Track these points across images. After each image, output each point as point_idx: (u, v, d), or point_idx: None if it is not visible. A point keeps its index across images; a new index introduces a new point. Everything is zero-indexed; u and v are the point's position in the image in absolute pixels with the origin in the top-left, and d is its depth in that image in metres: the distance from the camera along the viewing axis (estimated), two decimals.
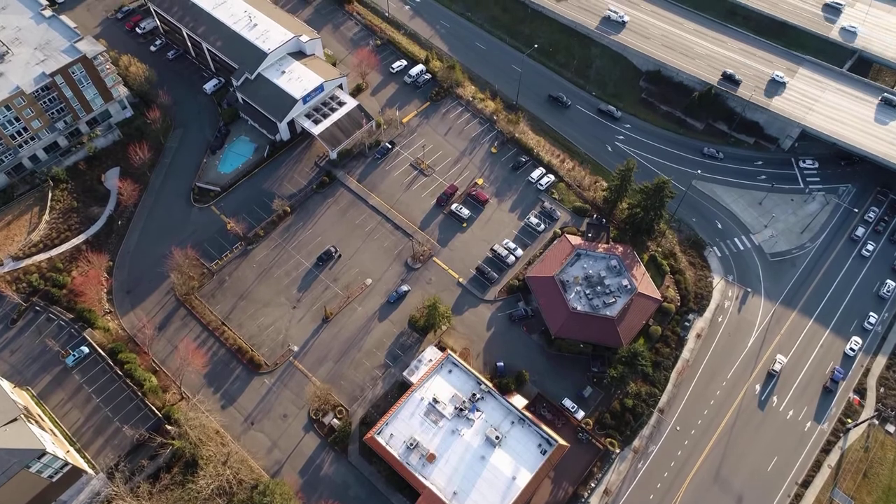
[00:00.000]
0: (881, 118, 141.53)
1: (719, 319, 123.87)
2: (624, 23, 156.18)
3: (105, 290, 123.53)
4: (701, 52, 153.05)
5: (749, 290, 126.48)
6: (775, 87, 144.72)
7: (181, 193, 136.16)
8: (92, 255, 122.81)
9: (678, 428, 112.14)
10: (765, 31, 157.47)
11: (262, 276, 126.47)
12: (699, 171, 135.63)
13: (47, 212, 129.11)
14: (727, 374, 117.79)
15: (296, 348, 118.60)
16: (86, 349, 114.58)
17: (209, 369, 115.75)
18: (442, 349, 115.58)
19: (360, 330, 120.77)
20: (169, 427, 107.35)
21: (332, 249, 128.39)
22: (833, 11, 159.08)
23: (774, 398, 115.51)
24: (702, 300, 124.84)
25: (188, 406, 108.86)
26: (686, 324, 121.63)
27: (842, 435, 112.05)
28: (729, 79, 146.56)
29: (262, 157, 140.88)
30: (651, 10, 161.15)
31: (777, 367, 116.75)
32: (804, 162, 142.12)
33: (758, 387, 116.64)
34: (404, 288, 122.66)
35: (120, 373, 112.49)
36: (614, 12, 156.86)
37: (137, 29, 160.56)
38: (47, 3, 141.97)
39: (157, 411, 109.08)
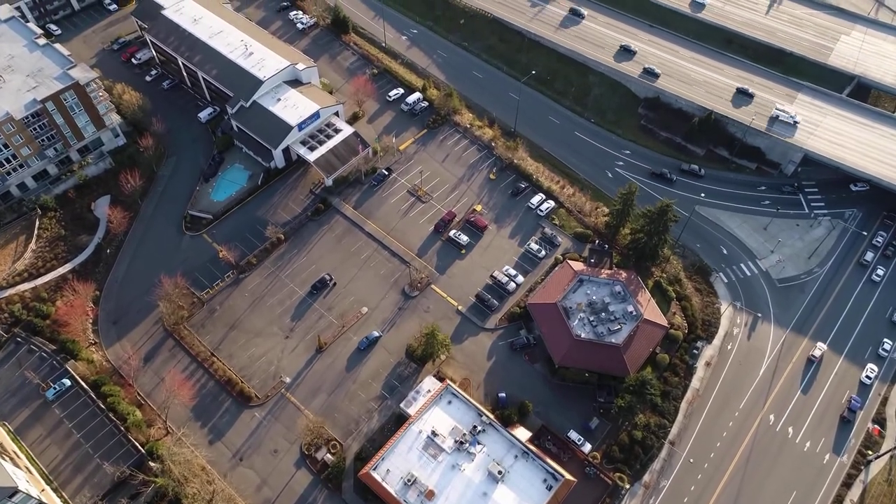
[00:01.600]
0: (884, 142, 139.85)
1: (728, 347, 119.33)
2: (633, 52, 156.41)
3: (90, 321, 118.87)
4: (699, 79, 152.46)
5: (759, 315, 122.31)
6: (782, 123, 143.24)
7: (173, 221, 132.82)
8: (78, 284, 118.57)
9: (691, 460, 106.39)
10: (762, 59, 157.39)
11: (255, 305, 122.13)
12: (702, 195, 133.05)
13: (34, 240, 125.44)
14: (739, 404, 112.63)
15: (288, 380, 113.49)
16: (67, 382, 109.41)
17: (197, 402, 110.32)
18: (441, 379, 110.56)
19: (355, 360, 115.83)
20: (152, 463, 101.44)
21: (327, 277, 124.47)
22: (831, 40, 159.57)
23: (790, 429, 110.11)
24: (710, 327, 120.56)
25: (172, 440, 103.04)
26: (694, 352, 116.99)
27: (863, 468, 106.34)
28: (744, 93, 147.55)
29: (256, 185, 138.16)
30: (649, 39, 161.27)
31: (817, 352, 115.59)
32: (787, 188, 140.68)
33: (772, 417, 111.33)
34: (375, 333, 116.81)
35: (102, 406, 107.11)
36: (626, 46, 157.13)
37: (133, 60, 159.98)
38: (41, 32, 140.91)
39: (140, 447, 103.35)
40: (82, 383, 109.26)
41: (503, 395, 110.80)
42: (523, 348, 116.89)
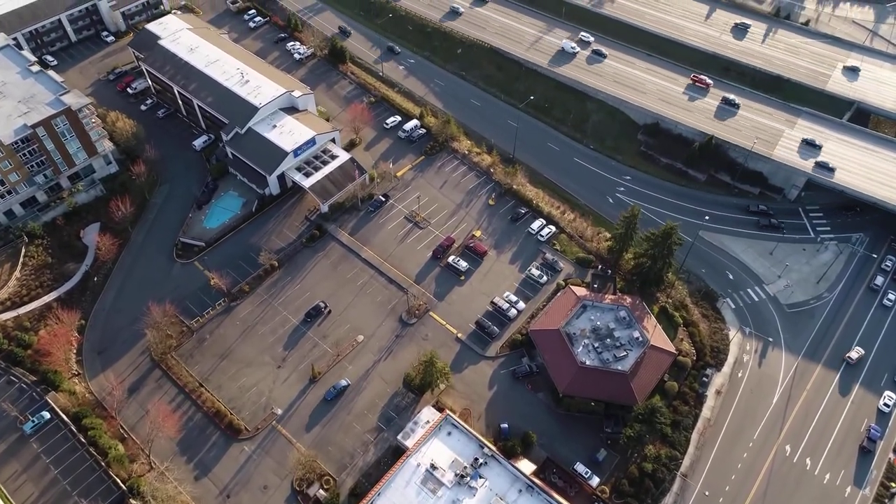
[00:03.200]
0: (888, 166, 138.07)
1: (739, 375, 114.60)
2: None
3: (74, 350, 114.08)
4: (699, 106, 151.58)
5: (770, 341, 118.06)
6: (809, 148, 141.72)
7: (163, 249, 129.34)
8: (63, 312, 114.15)
9: (707, 493, 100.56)
10: (760, 86, 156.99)
11: (246, 333, 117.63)
12: (706, 218, 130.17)
13: (18, 268, 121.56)
14: (753, 434, 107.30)
15: (279, 411, 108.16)
16: (47, 414, 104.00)
17: (183, 435, 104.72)
18: (440, 409, 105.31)
19: (350, 391, 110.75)
20: (133, 501, 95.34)
21: (322, 305, 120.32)
22: (828, 67, 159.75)
23: (808, 460, 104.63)
24: (718, 354, 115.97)
25: (155, 476, 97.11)
26: (704, 379, 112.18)
27: (887, 501, 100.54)
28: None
29: (250, 212, 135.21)
30: (646, 67, 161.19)
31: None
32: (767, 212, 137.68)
33: (788, 448, 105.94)
34: (343, 382, 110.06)
35: (83, 440, 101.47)
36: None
37: (129, 89, 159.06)
38: (35, 59, 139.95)
39: (121, 483, 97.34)
40: (62, 416, 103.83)
41: (505, 425, 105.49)
42: (526, 377, 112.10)
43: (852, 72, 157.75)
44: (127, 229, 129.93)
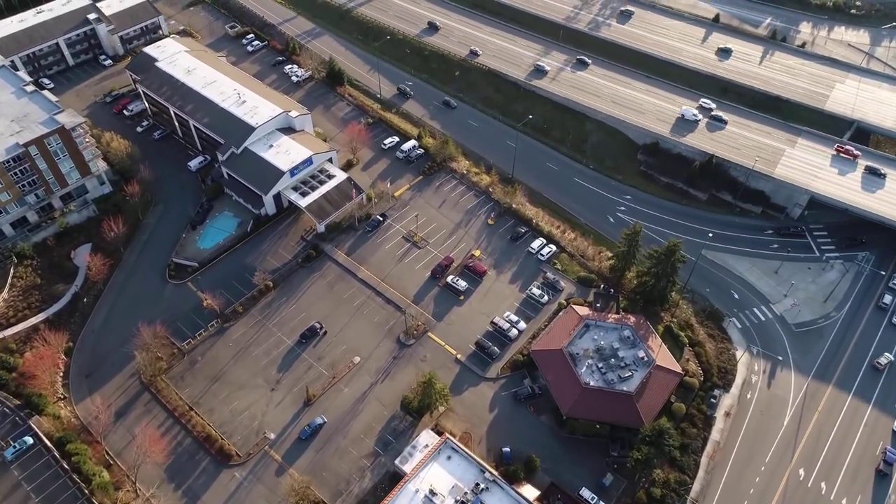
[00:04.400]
0: (892, 184, 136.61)
1: (748, 396, 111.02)
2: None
3: (60, 373, 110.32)
4: (699, 125, 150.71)
5: (779, 360, 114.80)
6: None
7: (156, 270, 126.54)
8: (50, 334, 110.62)
9: None
10: (759, 106, 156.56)
11: (239, 355, 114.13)
12: (710, 235, 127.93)
13: (6, 289, 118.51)
14: (765, 458, 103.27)
15: (272, 436, 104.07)
16: (29, 440, 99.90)
17: (171, 461, 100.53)
18: (439, 433, 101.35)
19: (346, 414, 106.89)
20: None
21: (317, 325, 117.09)
22: (826, 87, 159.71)
23: (823, 485, 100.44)
24: (726, 375, 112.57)
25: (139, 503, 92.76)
26: (712, 400, 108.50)
27: None
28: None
29: (245, 232, 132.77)
30: (644, 88, 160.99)
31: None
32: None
33: (802, 471, 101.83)
34: (319, 420, 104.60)
35: (66, 467, 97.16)
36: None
37: (125, 111, 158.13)
38: (31, 80, 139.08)
39: None
40: (46, 441, 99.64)
41: (507, 449, 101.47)
42: (528, 399, 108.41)
43: (847, 91, 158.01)
44: (119, 250, 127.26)
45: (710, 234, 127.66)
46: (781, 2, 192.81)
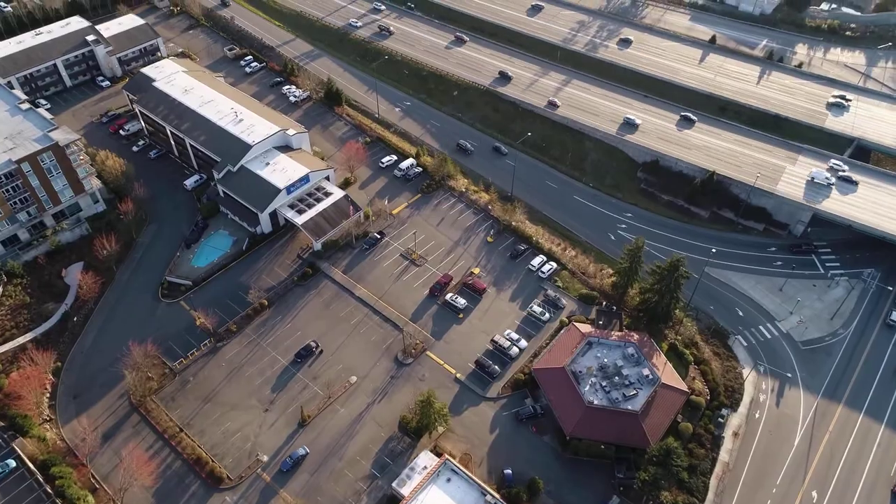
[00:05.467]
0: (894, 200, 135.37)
1: (756, 415, 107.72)
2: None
3: (47, 394, 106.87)
4: (698, 144, 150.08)
5: (787, 378, 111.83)
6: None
7: (148, 289, 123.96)
8: (37, 353, 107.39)
9: None
10: (758, 125, 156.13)
11: (232, 375, 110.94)
12: (713, 251, 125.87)
13: None
14: (776, 480, 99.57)
15: (265, 458, 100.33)
16: (12, 463, 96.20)
17: (160, 485, 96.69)
18: (438, 454, 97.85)
19: (341, 435, 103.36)
20: None
21: (313, 344, 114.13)
22: (828, 106, 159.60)
23: None
24: (733, 394, 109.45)
25: None
26: (720, 420, 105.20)
27: None
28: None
29: (240, 251, 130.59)
30: (643, 107, 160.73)
31: None
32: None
33: (815, 494, 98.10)
34: (301, 451, 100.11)
35: (49, 491, 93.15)
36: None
37: (122, 131, 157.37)
38: (26, 97, 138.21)
39: None
40: (29, 464, 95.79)
41: (509, 471, 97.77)
42: (530, 419, 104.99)
43: (845, 108, 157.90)
44: (111, 268, 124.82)
45: (714, 250, 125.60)
46: (776, 24, 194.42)
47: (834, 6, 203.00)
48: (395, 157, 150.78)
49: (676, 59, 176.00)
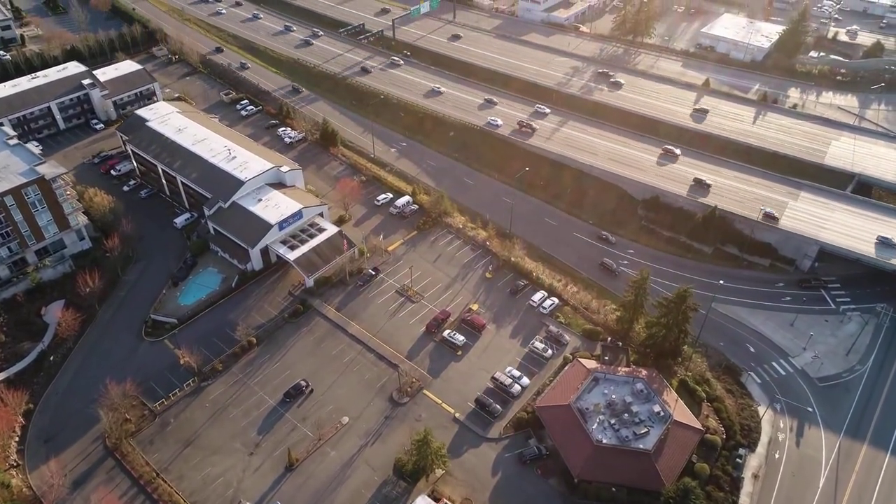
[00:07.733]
0: None
1: (776, 456, 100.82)
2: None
3: (16, 438, 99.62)
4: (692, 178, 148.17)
5: (805, 418, 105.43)
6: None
7: (131, 327, 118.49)
8: (8, 394, 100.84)
9: None
10: (755, 162, 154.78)
11: (216, 416, 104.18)
12: (721, 282, 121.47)
13: None
14: None
15: None
16: None
17: None
18: (436, 500, 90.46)
19: (332, 479, 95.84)
20: None
21: (303, 383, 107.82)
22: (822, 143, 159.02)
23: None
24: (750, 433, 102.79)
25: None
26: (738, 461, 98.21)
27: None
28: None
29: (229, 288, 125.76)
30: (641, 146, 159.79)
31: None
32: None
33: None
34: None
35: None
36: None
37: (113, 171, 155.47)
38: (14, 134, 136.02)
39: None
40: None
41: None
42: (535, 460, 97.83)
43: (844, 146, 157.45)
44: (94, 306, 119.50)
45: (721, 281, 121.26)
46: (768, 70, 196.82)
47: (822, 54, 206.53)
48: (390, 195, 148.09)
49: (670, 101, 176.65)
